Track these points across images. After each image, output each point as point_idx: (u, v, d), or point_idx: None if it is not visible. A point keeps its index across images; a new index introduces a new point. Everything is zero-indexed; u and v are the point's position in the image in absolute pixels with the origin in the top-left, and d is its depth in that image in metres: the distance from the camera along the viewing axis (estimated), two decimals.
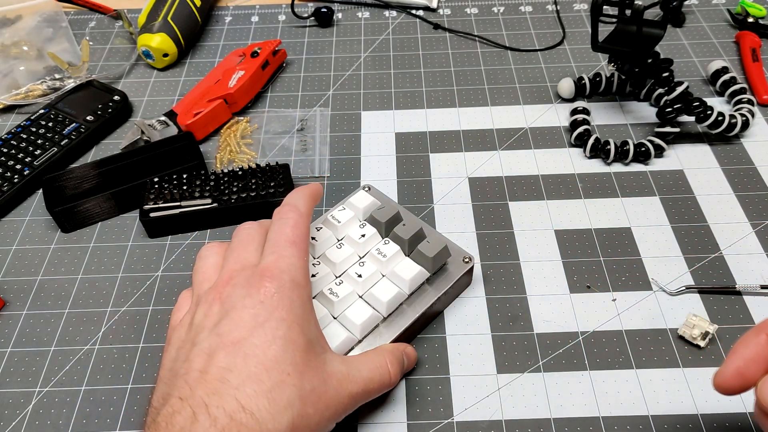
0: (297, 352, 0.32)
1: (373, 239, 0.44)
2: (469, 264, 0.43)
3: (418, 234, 0.43)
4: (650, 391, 0.40)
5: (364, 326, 0.39)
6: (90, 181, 0.51)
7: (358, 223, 0.45)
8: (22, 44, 0.67)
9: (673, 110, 0.54)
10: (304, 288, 0.34)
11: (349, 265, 0.43)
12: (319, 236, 0.44)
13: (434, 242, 0.42)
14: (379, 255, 0.42)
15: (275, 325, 0.32)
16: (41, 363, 0.43)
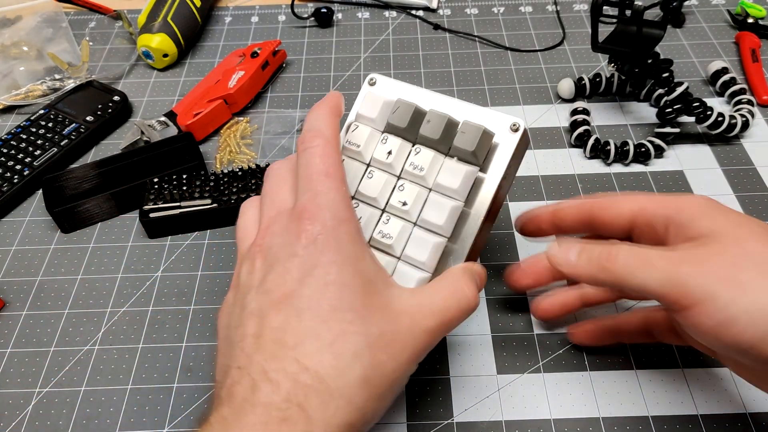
0: (355, 295, 0.28)
1: (402, 152, 0.36)
2: (519, 130, 0.35)
3: (448, 127, 0.35)
4: (650, 392, 0.40)
5: (431, 257, 0.34)
6: (90, 182, 0.51)
7: (379, 138, 0.37)
8: (22, 44, 0.67)
9: (673, 111, 0.54)
10: (350, 222, 0.30)
11: (389, 194, 0.36)
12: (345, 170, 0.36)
13: (470, 130, 0.34)
14: (416, 169, 0.35)
15: (325, 270, 0.28)
16: (41, 363, 0.43)
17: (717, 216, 0.31)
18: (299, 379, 0.26)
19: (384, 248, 0.35)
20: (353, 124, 0.38)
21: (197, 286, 0.47)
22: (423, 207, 0.35)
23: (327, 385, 0.26)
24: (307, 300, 0.28)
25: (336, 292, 0.28)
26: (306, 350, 0.27)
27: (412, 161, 0.35)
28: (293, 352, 0.27)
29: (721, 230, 0.30)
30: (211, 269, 0.48)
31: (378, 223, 0.35)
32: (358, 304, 0.28)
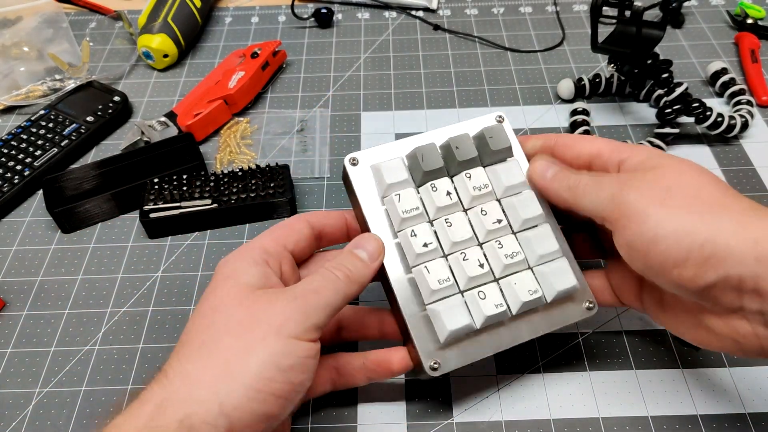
0: (217, 293, 0.34)
1: (458, 186, 0.38)
2: (504, 120, 0.40)
3: (477, 141, 0.38)
4: (649, 392, 0.40)
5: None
6: (90, 182, 0.51)
7: (425, 190, 0.38)
8: (22, 45, 0.67)
9: (672, 111, 0.54)
10: (253, 248, 0.35)
11: (477, 225, 0.37)
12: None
13: (494, 132, 0.38)
14: (481, 190, 0.37)
15: (213, 280, 0.35)
16: (41, 363, 0.43)
17: (663, 156, 0.34)
18: (166, 371, 0.31)
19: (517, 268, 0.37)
20: (392, 197, 0.37)
21: (197, 286, 0.47)
22: (516, 211, 0.37)
23: (184, 370, 0.30)
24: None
25: (206, 296, 0.34)
26: (183, 350, 0.32)
27: (473, 185, 0.37)
28: (177, 355, 0.32)
29: (663, 164, 0.33)
30: (211, 269, 0.48)
31: (486, 254, 0.37)
32: (214, 302, 0.33)
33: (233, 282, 0.33)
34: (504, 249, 0.36)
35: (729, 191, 0.32)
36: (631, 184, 0.32)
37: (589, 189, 0.34)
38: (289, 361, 0.30)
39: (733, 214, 0.30)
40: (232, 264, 0.34)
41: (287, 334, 0.30)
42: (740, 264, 0.28)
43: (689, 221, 0.30)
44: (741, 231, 0.29)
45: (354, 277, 0.34)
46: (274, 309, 0.31)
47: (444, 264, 0.36)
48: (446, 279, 0.35)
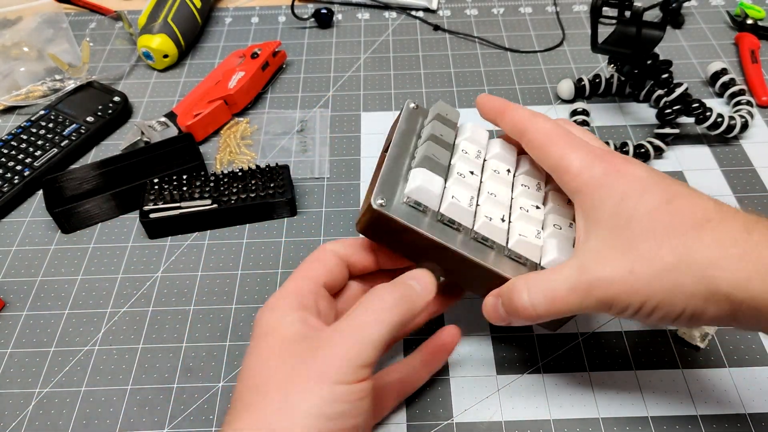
0: (259, 349, 0.33)
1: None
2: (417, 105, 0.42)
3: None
4: (649, 392, 0.40)
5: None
6: (90, 182, 0.51)
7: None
8: (22, 45, 0.67)
9: (672, 111, 0.54)
10: (285, 294, 0.34)
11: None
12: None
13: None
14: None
15: (252, 338, 0.34)
16: (41, 364, 0.43)
17: (605, 203, 0.33)
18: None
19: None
20: (452, 202, 0.36)
21: (197, 286, 0.47)
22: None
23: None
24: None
25: (249, 353, 0.33)
26: (235, 407, 0.31)
27: (472, 155, 0.39)
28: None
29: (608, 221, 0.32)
30: (211, 270, 0.48)
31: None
32: (260, 358, 0.32)
33: (272, 337, 0.31)
34: (531, 187, 0.38)
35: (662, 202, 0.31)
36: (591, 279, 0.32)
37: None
38: (337, 408, 0.29)
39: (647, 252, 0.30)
40: (267, 317, 0.33)
41: (331, 380, 0.29)
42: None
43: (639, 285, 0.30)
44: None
45: (405, 303, 0.32)
46: (316, 356, 0.30)
47: (521, 225, 0.37)
48: (537, 232, 0.37)
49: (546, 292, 0.32)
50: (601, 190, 0.32)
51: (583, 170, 0.33)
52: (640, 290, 0.30)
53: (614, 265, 0.31)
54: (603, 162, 0.33)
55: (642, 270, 0.30)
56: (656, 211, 0.31)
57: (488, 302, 0.35)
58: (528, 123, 0.36)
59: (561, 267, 0.33)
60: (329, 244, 0.37)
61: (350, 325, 0.31)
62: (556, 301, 0.32)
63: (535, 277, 0.33)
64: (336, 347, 0.30)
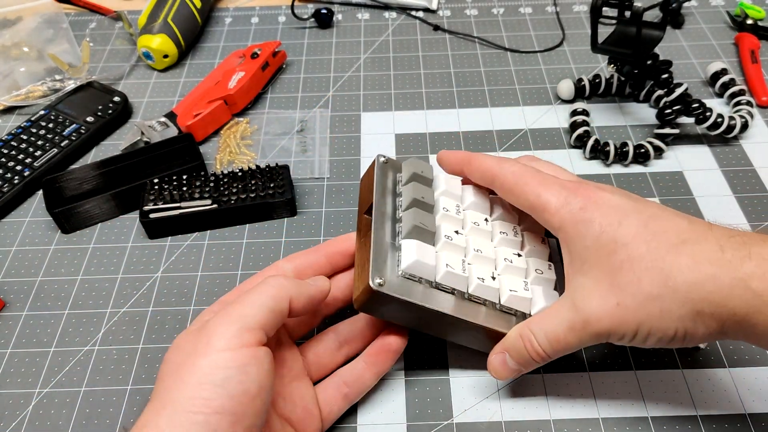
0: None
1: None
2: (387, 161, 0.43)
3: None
4: (649, 393, 0.40)
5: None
6: (90, 182, 0.51)
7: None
8: (22, 45, 0.67)
9: (672, 112, 0.54)
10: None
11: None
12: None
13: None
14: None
15: None
16: (41, 364, 0.43)
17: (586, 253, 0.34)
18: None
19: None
20: (449, 271, 0.37)
21: (197, 286, 0.47)
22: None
23: None
24: None
25: None
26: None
27: (453, 212, 0.40)
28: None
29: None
30: (211, 270, 0.48)
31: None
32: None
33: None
34: (509, 234, 0.40)
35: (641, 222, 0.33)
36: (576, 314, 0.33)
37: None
38: (221, 374, 0.29)
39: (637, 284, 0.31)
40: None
41: (214, 348, 0.30)
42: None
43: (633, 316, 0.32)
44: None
45: (297, 288, 0.34)
46: (203, 331, 0.31)
47: (508, 278, 0.39)
48: (524, 283, 0.38)
49: (548, 334, 0.34)
50: (580, 225, 0.34)
51: (561, 207, 0.35)
52: (629, 321, 0.32)
53: (602, 300, 0.32)
54: (578, 195, 0.34)
55: (627, 302, 0.32)
56: (634, 240, 0.32)
57: (496, 360, 0.37)
58: (496, 170, 0.38)
59: (557, 308, 0.35)
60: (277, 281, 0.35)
61: (236, 302, 0.32)
62: (559, 342, 0.34)
63: (535, 322, 0.35)
64: (220, 317, 0.32)
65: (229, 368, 0.29)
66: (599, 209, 0.34)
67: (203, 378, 0.29)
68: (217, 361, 0.29)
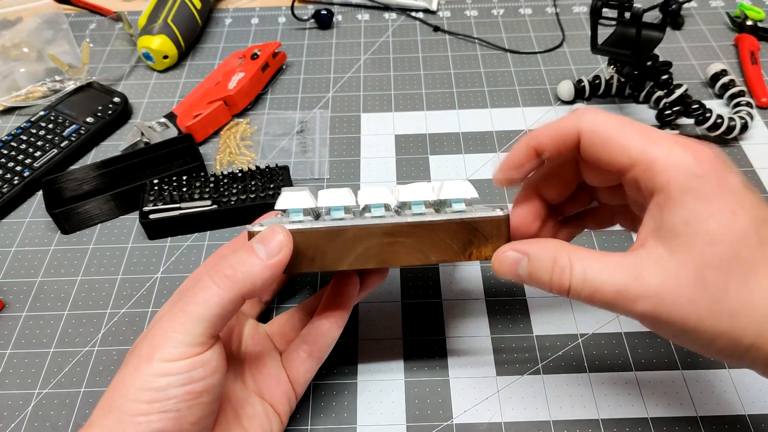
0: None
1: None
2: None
3: None
4: (649, 393, 0.40)
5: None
6: (90, 183, 0.51)
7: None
8: (22, 46, 0.67)
9: (672, 113, 0.54)
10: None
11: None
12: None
13: None
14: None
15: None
16: (41, 364, 0.43)
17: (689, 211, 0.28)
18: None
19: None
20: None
21: None
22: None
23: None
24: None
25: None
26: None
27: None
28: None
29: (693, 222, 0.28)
30: None
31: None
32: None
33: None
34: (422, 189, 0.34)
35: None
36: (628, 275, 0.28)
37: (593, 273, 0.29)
38: (164, 381, 0.30)
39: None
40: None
41: (159, 358, 0.30)
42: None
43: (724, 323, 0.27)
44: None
45: (239, 278, 0.31)
46: (151, 336, 0.31)
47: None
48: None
49: (587, 280, 0.29)
50: (689, 194, 0.28)
51: (673, 166, 0.28)
52: (689, 323, 0.28)
53: (674, 287, 0.28)
54: (698, 160, 0.28)
55: (702, 304, 0.27)
56: (742, 240, 0.27)
57: (509, 257, 0.32)
58: (578, 121, 0.31)
59: (616, 260, 0.29)
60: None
61: (178, 306, 0.31)
62: (594, 294, 0.29)
63: (580, 257, 0.30)
64: (166, 322, 0.31)
65: (171, 375, 0.30)
66: (719, 187, 0.28)
67: (144, 384, 0.29)
68: (158, 370, 0.30)
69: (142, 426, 0.29)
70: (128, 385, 0.30)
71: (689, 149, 0.29)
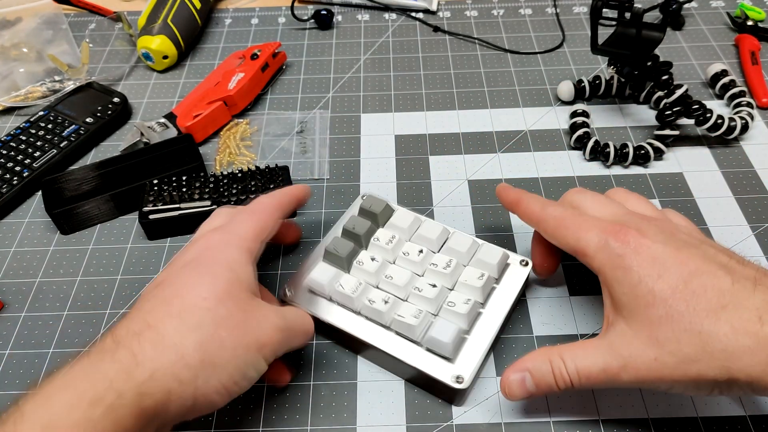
0: (219, 284, 0.33)
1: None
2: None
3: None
4: (650, 394, 0.40)
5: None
6: (89, 183, 0.51)
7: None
8: (21, 46, 0.67)
9: (672, 113, 0.54)
10: (247, 240, 0.37)
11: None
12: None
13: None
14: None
15: (202, 260, 0.35)
16: (40, 365, 0.43)
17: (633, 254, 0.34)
18: (139, 333, 0.31)
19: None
20: (337, 289, 0.42)
21: None
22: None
23: (163, 337, 0.31)
24: (175, 280, 0.34)
25: (201, 277, 0.34)
26: (156, 314, 0.32)
27: (385, 242, 0.44)
28: (145, 315, 0.32)
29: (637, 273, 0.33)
30: None
31: (431, 278, 0.42)
32: (218, 289, 0.33)
33: (236, 278, 0.35)
34: (439, 265, 0.42)
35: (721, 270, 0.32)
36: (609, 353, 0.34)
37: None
38: (253, 374, 0.34)
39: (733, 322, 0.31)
40: (229, 254, 0.36)
41: (264, 355, 0.34)
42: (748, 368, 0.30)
43: (687, 354, 0.31)
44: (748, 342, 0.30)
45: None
46: (265, 328, 0.34)
47: (409, 305, 0.41)
48: (419, 312, 0.39)
49: (579, 369, 0.34)
50: (617, 271, 0.34)
51: (599, 251, 0.35)
52: (666, 376, 0.32)
53: (641, 351, 0.32)
54: (618, 240, 0.34)
55: (665, 359, 0.32)
56: (673, 296, 0.32)
57: (514, 379, 0.36)
58: (539, 214, 0.40)
59: (595, 345, 0.35)
60: (277, 205, 0.41)
61: (293, 324, 0.37)
62: (589, 378, 0.34)
63: (568, 352, 0.35)
64: (279, 335, 0.35)
65: (259, 373, 0.34)
66: (638, 258, 0.33)
67: (243, 367, 0.33)
68: (259, 366, 0.34)
69: (215, 395, 0.32)
70: (236, 358, 0.32)
71: (610, 233, 0.35)
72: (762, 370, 0.30)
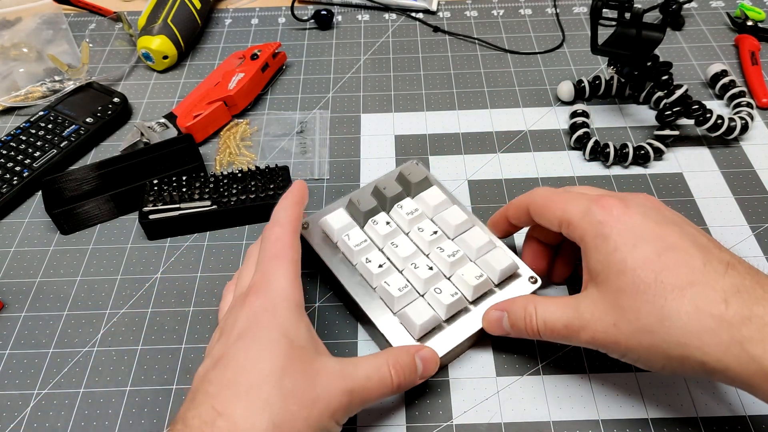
0: (277, 353, 0.32)
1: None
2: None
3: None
4: (650, 394, 0.40)
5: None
6: (89, 183, 0.51)
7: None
8: (21, 46, 0.67)
9: (672, 113, 0.54)
10: (290, 295, 0.35)
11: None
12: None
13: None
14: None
15: (256, 331, 0.33)
16: (40, 365, 0.43)
17: (613, 225, 0.35)
18: (211, 422, 0.30)
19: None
20: (343, 238, 0.43)
21: (196, 287, 0.47)
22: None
23: (235, 424, 0.30)
24: (234, 355, 0.33)
25: (259, 348, 0.32)
26: (222, 398, 0.31)
27: (406, 212, 0.44)
28: (212, 400, 0.31)
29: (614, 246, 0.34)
30: (211, 271, 0.48)
31: (433, 260, 0.43)
32: (279, 361, 0.32)
33: (293, 345, 0.33)
34: (446, 251, 0.42)
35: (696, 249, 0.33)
36: (578, 311, 0.35)
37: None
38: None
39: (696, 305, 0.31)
40: (280, 319, 0.34)
41: (337, 420, 0.33)
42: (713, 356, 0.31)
43: (650, 340, 0.32)
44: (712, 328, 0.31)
45: (403, 385, 0.36)
46: (333, 393, 0.33)
47: (400, 276, 0.41)
48: (405, 286, 0.40)
49: (546, 320, 0.36)
50: (597, 239, 0.35)
51: (582, 218, 0.36)
52: (621, 343, 0.33)
53: (601, 315, 0.34)
54: (600, 207, 0.35)
55: (622, 326, 0.33)
56: (643, 267, 0.33)
57: (493, 315, 0.39)
58: (529, 195, 0.41)
59: (565, 302, 0.36)
60: (295, 245, 0.38)
61: (364, 383, 0.34)
62: (552, 331, 0.36)
63: (541, 304, 0.37)
64: (348, 397, 0.33)
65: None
66: (618, 226, 0.34)
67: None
68: (331, 429, 0.34)
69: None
70: (307, 425, 0.31)
71: (595, 202, 0.36)
72: (721, 352, 0.30)
